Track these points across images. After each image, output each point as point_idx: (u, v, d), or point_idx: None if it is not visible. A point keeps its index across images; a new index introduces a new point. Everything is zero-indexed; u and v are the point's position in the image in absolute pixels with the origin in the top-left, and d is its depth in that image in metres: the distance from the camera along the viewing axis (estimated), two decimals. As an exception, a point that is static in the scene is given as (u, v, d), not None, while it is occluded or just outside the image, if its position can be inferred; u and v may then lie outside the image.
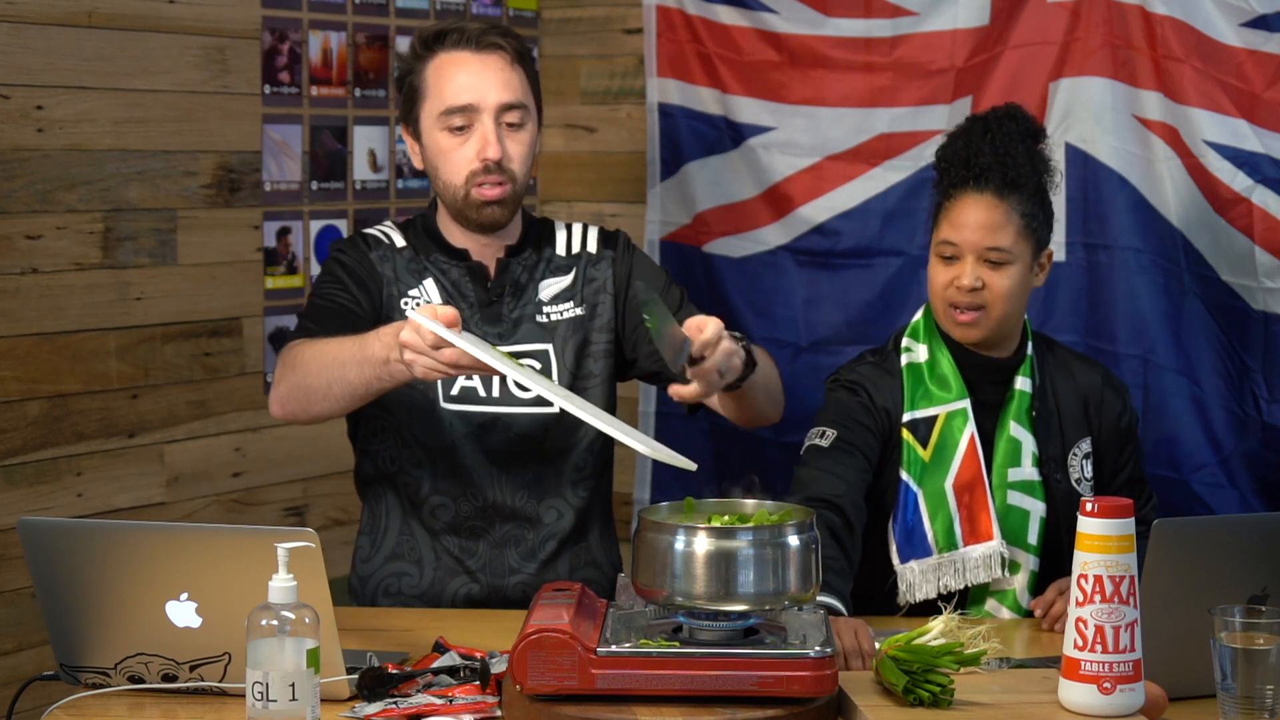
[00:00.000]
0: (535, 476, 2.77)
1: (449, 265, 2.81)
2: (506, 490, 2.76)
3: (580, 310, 2.83)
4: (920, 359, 2.80)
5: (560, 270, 2.85)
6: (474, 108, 2.72)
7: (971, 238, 2.71)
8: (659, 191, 3.89)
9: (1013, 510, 2.74)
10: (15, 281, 3.16)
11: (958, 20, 3.52)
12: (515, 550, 2.77)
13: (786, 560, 2.08)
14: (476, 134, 2.73)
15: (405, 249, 2.82)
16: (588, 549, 2.83)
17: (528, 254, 2.84)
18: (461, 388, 2.76)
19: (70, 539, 2.15)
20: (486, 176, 2.73)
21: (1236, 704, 1.99)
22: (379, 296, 2.78)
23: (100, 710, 2.15)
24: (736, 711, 2.01)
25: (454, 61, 2.75)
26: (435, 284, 2.80)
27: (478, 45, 2.74)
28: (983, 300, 2.72)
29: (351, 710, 2.12)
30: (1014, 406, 2.77)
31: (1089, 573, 2.02)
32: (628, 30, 4.05)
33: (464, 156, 2.73)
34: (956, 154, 2.78)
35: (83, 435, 3.27)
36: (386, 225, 2.89)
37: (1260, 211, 3.14)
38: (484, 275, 2.81)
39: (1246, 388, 3.23)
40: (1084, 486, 2.78)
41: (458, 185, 2.75)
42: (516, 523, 2.77)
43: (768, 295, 3.78)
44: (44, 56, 3.17)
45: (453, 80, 2.73)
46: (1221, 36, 3.18)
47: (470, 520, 2.76)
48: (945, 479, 2.73)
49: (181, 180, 3.42)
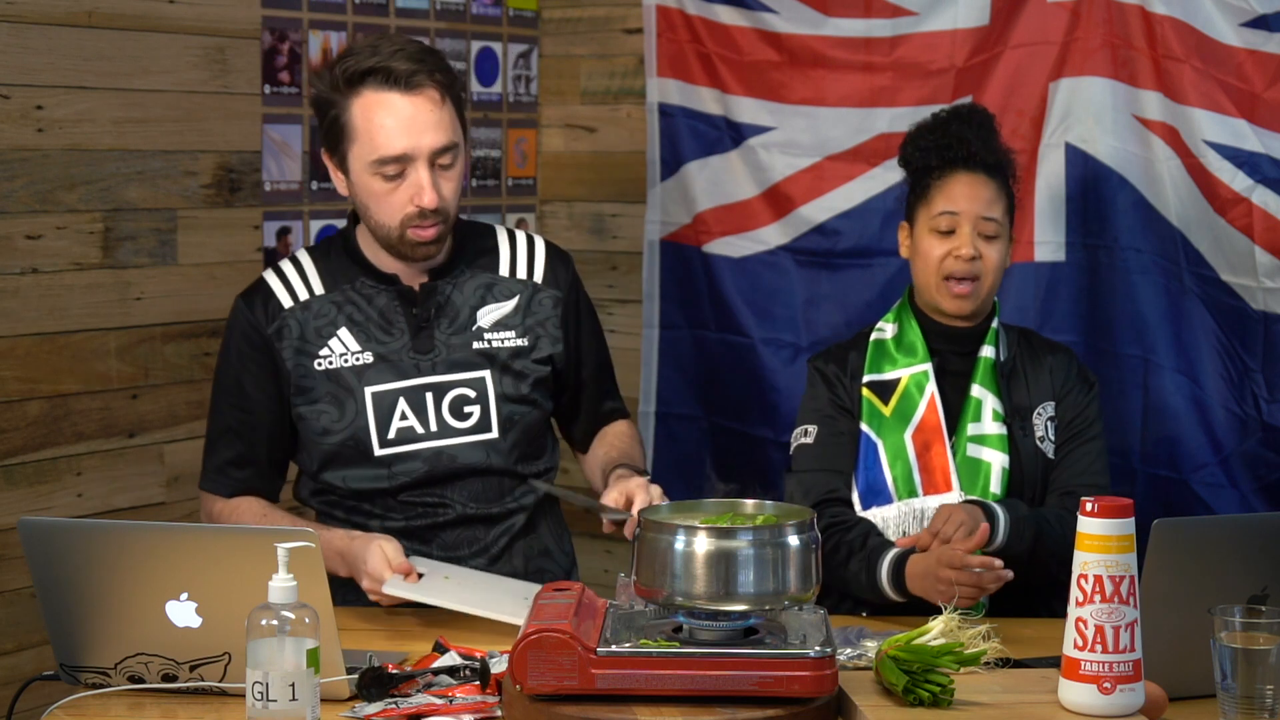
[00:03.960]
0: (481, 489, 2.78)
1: (375, 290, 2.76)
2: (455, 506, 2.77)
3: (523, 340, 2.80)
4: (888, 335, 2.92)
5: (501, 295, 2.81)
6: (408, 156, 2.65)
7: (970, 207, 2.83)
8: (659, 191, 3.89)
9: (971, 462, 2.82)
10: (15, 281, 3.16)
11: (958, 20, 3.52)
12: (468, 549, 2.78)
13: (786, 560, 2.08)
14: (410, 180, 2.65)
15: (311, 300, 2.75)
16: (539, 539, 2.83)
17: (459, 271, 2.80)
18: (398, 429, 2.73)
19: (70, 539, 2.15)
20: (421, 221, 2.67)
21: (1236, 704, 1.99)
22: (281, 385, 2.73)
23: (100, 710, 2.15)
24: (736, 711, 2.01)
25: (383, 104, 2.64)
26: (349, 330, 2.74)
27: (407, 86, 2.64)
28: (978, 271, 2.83)
29: (351, 710, 2.12)
30: (979, 371, 2.87)
31: (1089, 573, 2.02)
32: (628, 30, 4.05)
33: (398, 201, 2.67)
34: (939, 141, 2.89)
35: (83, 435, 3.27)
36: (299, 259, 2.80)
37: (1260, 211, 3.14)
38: (414, 299, 2.77)
39: (1246, 388, 3.23)
40: (1046, 445, 2.85)
41: (391, 226, 2.69)
42: (468, 525, 2.78)
43: (768, 295, 3.78)
44: (44, 56, 3.18)
45: (383, 127, 2.64)
46: (1221, 36, 3.18)
47: (422, 528, 2.76)
48: (905, 431, 2.84)
49: (181, 180, 3.42)
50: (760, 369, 3.79)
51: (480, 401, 2.75)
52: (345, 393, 2.72)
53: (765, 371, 3.79)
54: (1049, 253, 3.45)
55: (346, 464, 2.73)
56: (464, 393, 2.75)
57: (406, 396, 2.73)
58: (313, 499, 2.82)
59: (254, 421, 2.75)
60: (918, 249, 2.88)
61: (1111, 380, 3.32)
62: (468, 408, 2.75)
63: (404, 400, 2.73)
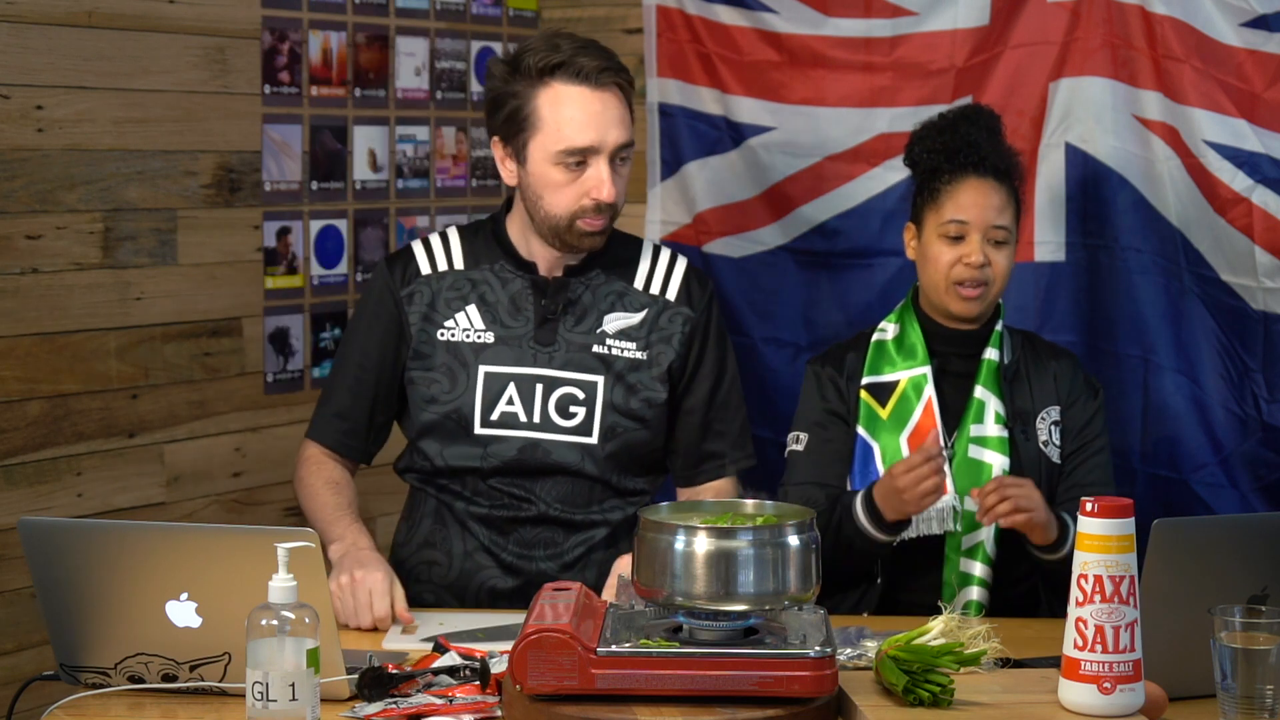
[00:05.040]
0: (570, 492, 2.79)
1: (513, 275, 2.83)
2: (541, 504, 2.79)
3: (641, 355, 2.82)
4: (889, 336, 2.93)
5: (632, 307, 2.84)
6: (594, 149, 2.73)
7: (980, 216, 2.85)
8: (659, 191, 3.89)
9: (972, 463, 2.84)
10: (15, 281, 3.16)
11: (958, 20, 3.52)
12: (544, 550, 2.78)
13: (786, 560, 2.08)
14: (590, 173, 2.74)
15: (449, 273, 2.84)
16: (617, 554, 2.81)
17: (595, 274, 2.85)
18: (501, 412, 2.78)
19: (70, 539, 2.15)
20: (594, 214, 2.75)
21: (1236, 704, 1.99)
22: (401, 347, 2.83)
23: (100, 710, 2.15)
24: (736, 711, 2.01)
25: (573, 98, 2.74)
26: (478, 308, 2.81)
27: (596, 82, 2.74)
28: (987, 277, 2.84)
29: (351, 710, 2.12)
30: (982, 374, 2.88)
31: (1089, 573, 2.02)
32: (628, 30, 4.05)
33: (575, 192, 2.75)
34: (948, 143, 2.90)
35: (83, 435, 3.27)
36: (447, 234, 2.90)
37: (1260, 211, 3.14)
38: (546, 290, 2.82)
39: (1246, 388, 3.23)
40: (1050, 450, 2.86)
41: (561, 215, 2.76)
42: (548, 526, 2.79)
43: (768, 295, 3.78)
44: (44, 56, 3.17)
45: (573, 119, 2.73)
46: (1221, 36, 3.18)
47: (503, 519, 2.79)
48: (901, 434, 2.85)
49: (181, 180, 3.42)
50: (760, 369, 3.79)
51: (587, 404, 2.77)
52: (460, 366, 2.78)
53: (765, 371, 3.78)
54: (1049, 253, 3.45)
55: (445, 436, 2.79)
56: (573, 392, 2.78)
57: (517, 382, 2.78)
58: (407, 473, 2.88)
59: (365, 378, 2.84)
60: (926, 253, 2.88)
61: (1111, 380, 3.32)
62: (574, 408, 2.78)
63: (514, 385, 2.78)
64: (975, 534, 2.81)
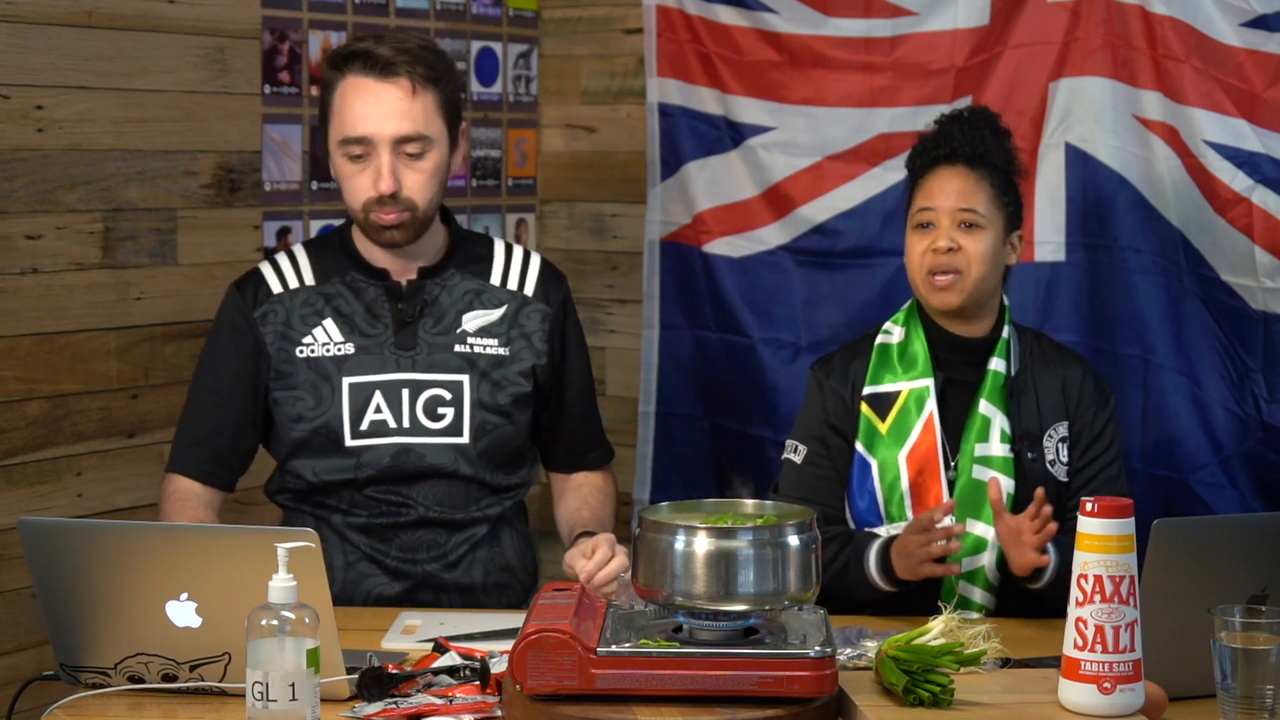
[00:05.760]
0: (447, 493, 2.79)
1: (365, 284, 2.80)
2: (420, 507, 2.78)
3: (504, 350, 2.81)
4: (894, 340, 2.87)
5: (490, 304, 2.83)
6: (369, 139, 2.71)
7: (946, 202, 2.80)
8: (659, 191, 3.89)
9: (976, 484, 2.76)
10: (15, 281, 3.16)
11: (958, 20, 3.52)
12: (427, 552, 2.79)
13: (786, 560, 2.08)
14: (372, 165, 2.71)
15: (300, 290, 2.80)
16: (500, 553, 2.84)
17: (450, 274, 2.83)
18: (370, 421, 2.76)
19: (70, 539, 2.15)
20: (381, 207, 2.72)
21: (1236, 704, 1.99)
22: (260, 368, 2.78)
23: (100, 710, 2.15)
24: (736, 711, 2.01)
25: (357, 88, 2.72)
26: (335, 321, 2.78)
27: (382, 72, 2.71)
28: (958, 264, 2.77)
29: (351, 710, 2.12)
30: (987, 386, 2.81)
31: (1089, 573, 2.02)
32: (628, 30, 4.05)
33: (362, 185, 2.73)
34: (927, 143, 2.88)
35: (83, 435, 3.27)
36: (294, 252, 2.86)
37: (1260, 211, 3.14)
38: (401, 295, 2.80)
39: (1246, 388, 3.23)
40: (1058, 469, 2.79)
41: (357, 209, 2.75)
42: (429, 528, 2.79)
43: (768, 295, 3.77)
44: (44, 56, 3.17)
45: (352, 109, 2.72)
46: (1221, 36, 3.18)
47: (383, 526, 2.77)
48: (900, 451, 2.79)
49: (181, 180, 3.42)
50: (760, 369, 3.79)
51: (455, 404, 2.77)
52: (323, 381, 2.75)
53: (765, 371, 3.78)
54: (1049, 253, 3.45)
55: (316, 453, 2.76)
56: (440, 393, 2.77)
57: (383, 390, 2.75)
58: (279, 495, 2.84)
59: (225, 403, 2.79)
60: (906, 250, 2.85)
61: (1111, 380, 3.32)
62: (442, 409, 2.77)
63: (380, 393, 2.75)
64: (976, 558, 2.77)
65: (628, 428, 4.02)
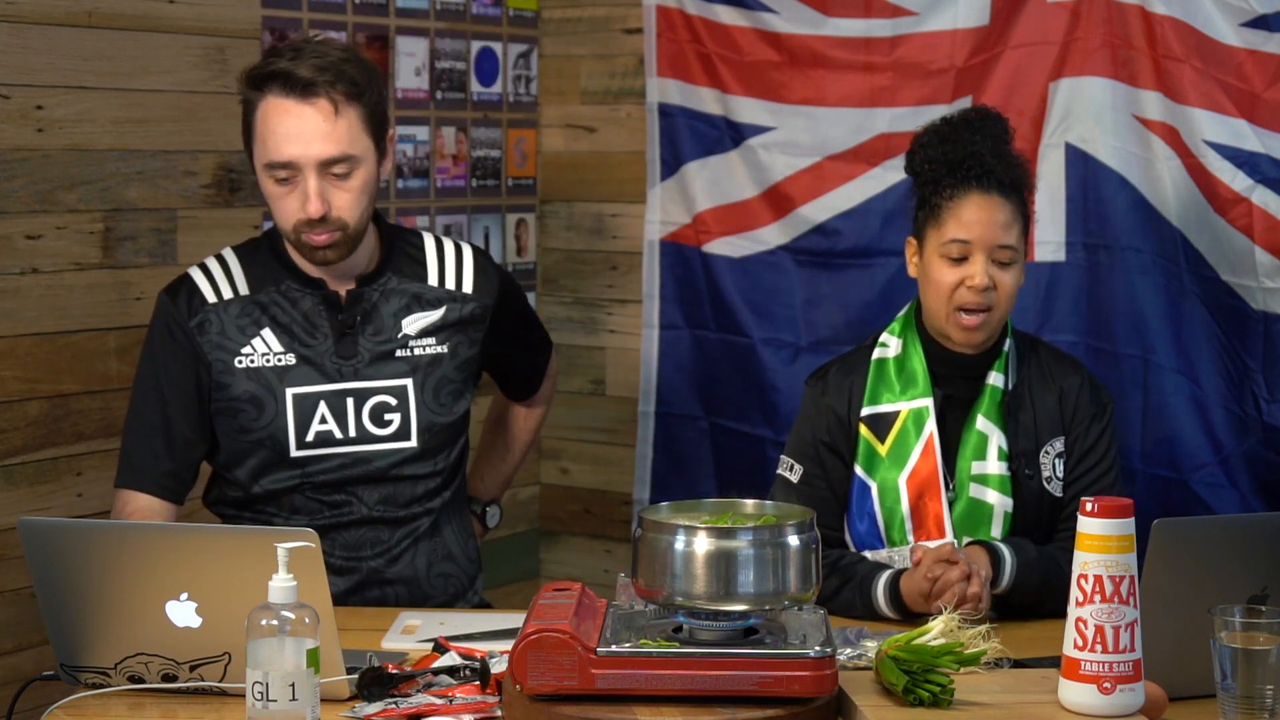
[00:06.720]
0: (392, 493, 2.79)
1: (301, 293, 2.77)
2: (364, 507, 2.78)
3: (442, 348, 2.81)
4: (891, 354, 2.79)
5: (428, 305, 2.82)
6: (294, 164, 2.66)
7: (985, 234, 2.67)
8: (659, 191, 3.89)
9: (974, 504, 2.72)
10: (15, 281, 3.16)
11: (958, 20, 3.52)
12: (371, 549, 2.79)
13: (786, 560, 2.08)
14: (300, 188, 2.67)
15: (235, 300, 2.76)
16: (442, 543, 2.85)
17: (387, 279, 2.81)
18: (316, 432, 2.74)
19: (70, 539, 2.15)
20: (311, 228, 2.69)
21: (1236, 704, 1.99)
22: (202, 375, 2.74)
23: (100, 710, 2.15)
24: (736, 711, 2.01)
25: (278, 110, 2.66)
26: (273, 331, 2.75)
27: (303, 94, 2.65)
28: (992, 301, 2.68)
29: (351, 710, 2.12)
30: (985, 402, 2.74)
31: (1089, 573, 2.02)
32: (628, 30, 4.05)
33: (290, 207, 2.69)
34: (949, 154, 2.73)
35: (83, 435, 3.27)
36: (224, 257, 2.82)
37: (1260, 211, 3.15)
38: (339, 305, 2.78)
39: (1246, 388, 3.23)
40: (1054, 485, 2.74)
41: (287, 230, 2.72)
42: (372, 526, 2.79)
43: (768, 295, 3.78)
44: (44, 56, 3.17)
45: (274, 132, 2.66)
46: (1221, 36, 3.18)
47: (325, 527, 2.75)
48: (900, 474, 2.73)
49: (181, 180, 3.42)
50: (760, 369, 3.79)
51: (401, 409, 2.77)
52: (266, 392, 2.73)
53: (765, 371, 3.79)
54: (1049, 253, 3.45)
55: (261, 464, 2.75)
56: (385, 400, 2.77)
57: (327, 400, 2.75)
58: (218, 504, 2.83)
59: (174, 414, 2.75)
60: (928, 274, 2.73)
61: (1111, 380, 3.32)
62: (388, 415, 2.77)
63: (324, 404, 2.74)
64: None
65: (628, 428, 4.02)
